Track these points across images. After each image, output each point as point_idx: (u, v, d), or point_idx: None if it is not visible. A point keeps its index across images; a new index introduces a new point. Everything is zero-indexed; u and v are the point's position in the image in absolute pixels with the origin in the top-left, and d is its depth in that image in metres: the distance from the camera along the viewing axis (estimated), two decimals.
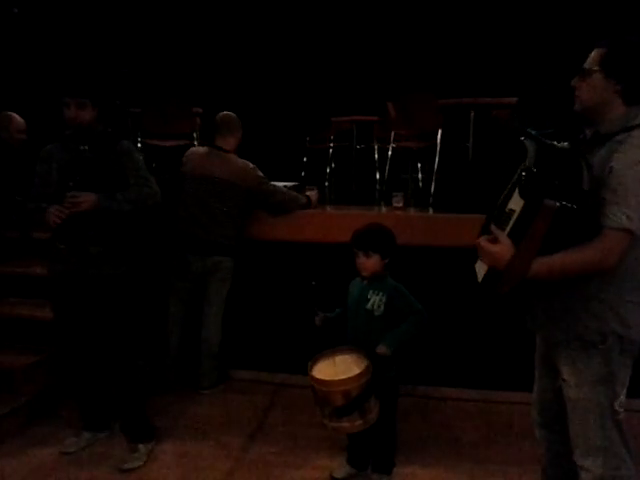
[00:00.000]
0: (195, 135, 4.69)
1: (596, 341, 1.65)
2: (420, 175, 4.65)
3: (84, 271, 2.51)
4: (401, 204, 3.63)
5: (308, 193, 3.50)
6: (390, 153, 4.47)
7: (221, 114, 3.31)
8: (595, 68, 1.65)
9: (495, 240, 1.64)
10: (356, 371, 2.13)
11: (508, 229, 1.61)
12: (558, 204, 1.47)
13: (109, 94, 2.84)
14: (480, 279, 1.74)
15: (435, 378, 3.35)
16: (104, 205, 2.46)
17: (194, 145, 4.60)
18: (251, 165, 3.22)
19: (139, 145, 4.55)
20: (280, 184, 3.44)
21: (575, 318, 1.67)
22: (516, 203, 1.59)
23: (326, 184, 4.89)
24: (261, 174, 3.23)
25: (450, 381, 3.34)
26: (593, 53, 1.69)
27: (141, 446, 2.67)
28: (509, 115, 4.13)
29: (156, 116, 4.45)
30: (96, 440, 2.77)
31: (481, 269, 1.73)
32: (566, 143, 1.67)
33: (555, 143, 1.64)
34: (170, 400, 3.16)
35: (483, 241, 1.68)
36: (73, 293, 2.57)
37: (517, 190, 1.60)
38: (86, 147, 2.51)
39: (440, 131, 4.11)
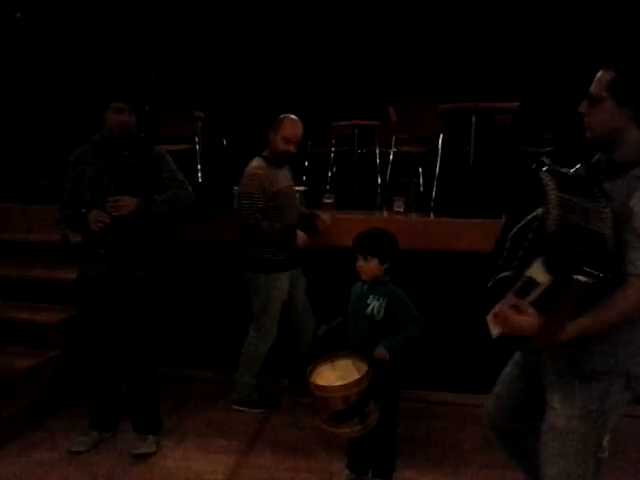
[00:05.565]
0: (197, 139, 4.69)
1: (601, 374, 1.57)
2: (421, 179, 4.65)
3: (118, 272, 2.59)
4: (402, 209, 3.63)
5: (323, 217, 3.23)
6: (391, 157, 4.47)
7: None
8: (605, 94, 1.52)
9: (519, 310, 1.49)
10: (356, 376, 2.13)
11: (532, 299, 1.47)
12: (589, 279, 1.37)
13: (144, 100, 2.94)
14: (494, 336, 1.59)
15: (436, 383, 3.34)
16: (145, 209, 2.55)
17: (196, 149, 4.61)
18: None
19: None
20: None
21: (588, 355, 1.58)
22: (539, 274, 1.45)
23: (327, 187, 4.90)
24: None
25: (451, 386, 3.33)
26: (599, 75, 1.55)
27: (150, 436, 2.77)
28: (511, 121, 4.13)
29: (158, 120, 4.46)
30: (103, 439, 2.81)
31: (496, 326, 1.60)
32: (581, 168, 1.60)
33: (570, 172, 1.55)
34: (171, 405, 3.16)
35: (507, 310, 1.51)
36: (105, 294, 2.63)
37: (539, 261, 1.43)
38: (127, 152, 2.58)
39: (441, 135, 4.11)
